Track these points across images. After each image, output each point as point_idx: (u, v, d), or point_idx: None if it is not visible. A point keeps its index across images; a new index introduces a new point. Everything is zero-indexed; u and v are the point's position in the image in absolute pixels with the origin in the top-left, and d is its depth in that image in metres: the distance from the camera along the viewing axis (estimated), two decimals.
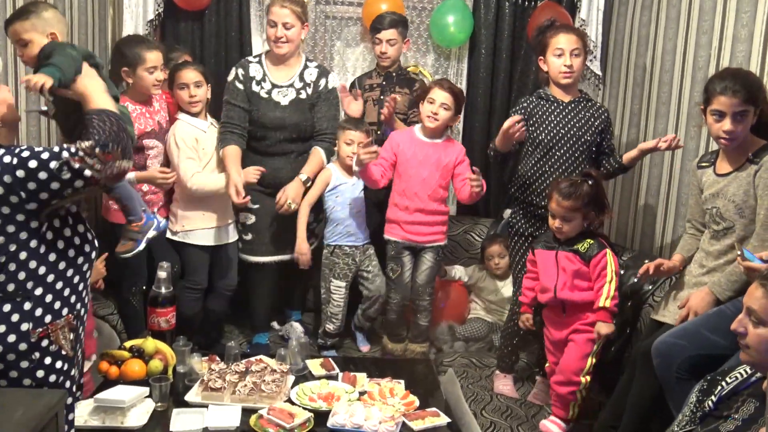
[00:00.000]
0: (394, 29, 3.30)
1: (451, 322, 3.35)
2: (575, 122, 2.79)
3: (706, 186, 2.34)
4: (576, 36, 2.78)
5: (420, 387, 2.45)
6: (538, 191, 2.80)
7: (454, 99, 3.00)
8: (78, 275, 1.77)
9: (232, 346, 2.52)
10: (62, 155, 1.58)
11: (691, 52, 2.93)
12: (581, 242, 2.53)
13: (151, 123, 2.95)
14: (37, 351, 1.66)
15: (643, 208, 3.28)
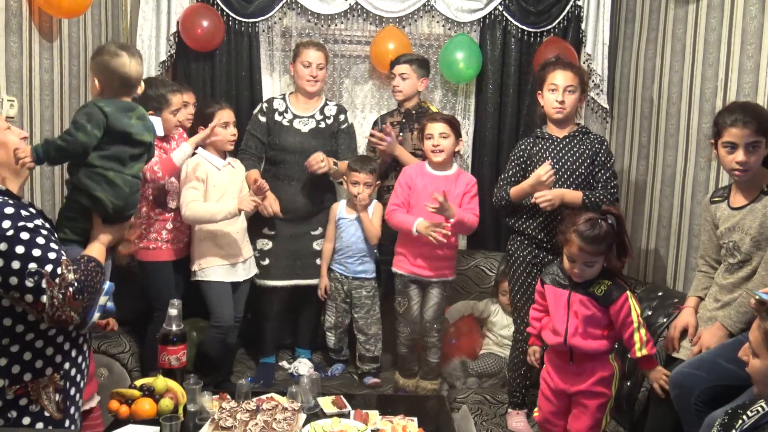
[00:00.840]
0: (407, 65, 3.36)
1: (463, 357, 3.31)
2: (569, 156, 2.81)
3: (721, 221, 2.32)
4: (572, 73, 2.80)
5: (433, 424, 2.40)
6: (534, 224, 2.84)
7: (449, 126, 3.07)
8: (63, 335, 1.74)
9: (243, 384, 2.49)
10: (44, 267, 1.59)
11: (698, 84, 2.94)
12: (597, 284, 2.34)
13: (164, 156, 2.99)
14: (14, 410, 1.64)
15: (655, 239, 3.26)
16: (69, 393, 1.77)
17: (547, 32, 3.75)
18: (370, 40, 3.75)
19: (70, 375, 1.78)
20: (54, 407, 1.70)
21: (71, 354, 1.77)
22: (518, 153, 2.92)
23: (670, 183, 3.13)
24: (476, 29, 3.78)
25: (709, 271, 2.43)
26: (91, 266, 1.71)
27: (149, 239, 3.03)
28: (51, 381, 1.71)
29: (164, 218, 3.06)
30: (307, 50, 3.28)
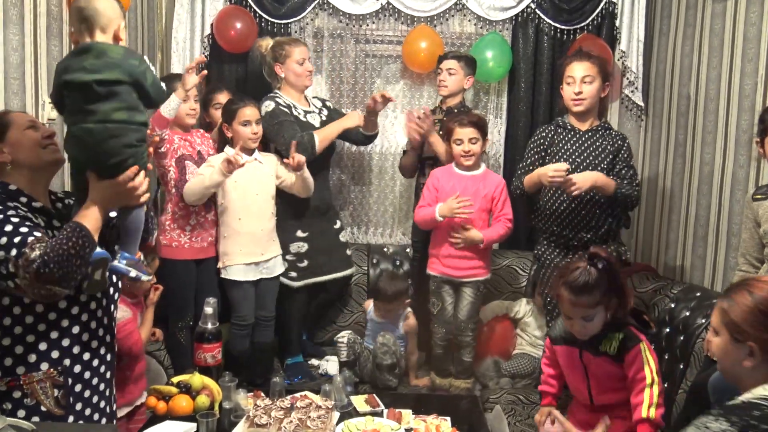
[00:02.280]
0: (455, 60, 3.35)
1: (496, 357, 3.29)
2: (591, 151, 2.77)
3: (763, 219, 2.28)
4: (589, 63, 2.75)
5: (466, 424, 2.40)
6: (558, 220, 2.81)
7: (477, 129, 3.05)
8: (56, 330, 1.73)
9: (277, 382, 2.52)
10: (10, 252, 1.55)
11: (737, 80, 2.88)
12: (608, 340, 2.07)
13: (190, 149, 3.09)
14: (8, 401, 1.65)
15: (692, 239, 3.20)
16: (72, 389, 1.76)
17: (581, 29, 3.70)
18: (401, 40, 3.75)
19: (73, 371, 1.77)
20: (52, 402, 1.70)
21: (72, 350, 1.76)
22: (538, 140, 2.89)
23: (708, 181, 3.07)
24: (508, 27, 3.76)
25: (750, 270, 2.38)
26: (64, 234, 1.60)
27: (172, 236, 3.05)
28: (47, 376, 1.71)
29: (188, 213, 3.07)
30: (296, 48, 3.25)
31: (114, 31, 1.74)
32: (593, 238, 2.80)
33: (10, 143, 1.75)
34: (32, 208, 1.76)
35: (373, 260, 3.74)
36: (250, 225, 3.11)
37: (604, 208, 2.79)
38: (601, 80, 2.77)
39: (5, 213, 1.65)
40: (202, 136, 3.20)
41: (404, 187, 3.94)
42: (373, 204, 3.96)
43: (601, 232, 2.80)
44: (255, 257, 3.13)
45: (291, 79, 3.28)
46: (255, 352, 3.23)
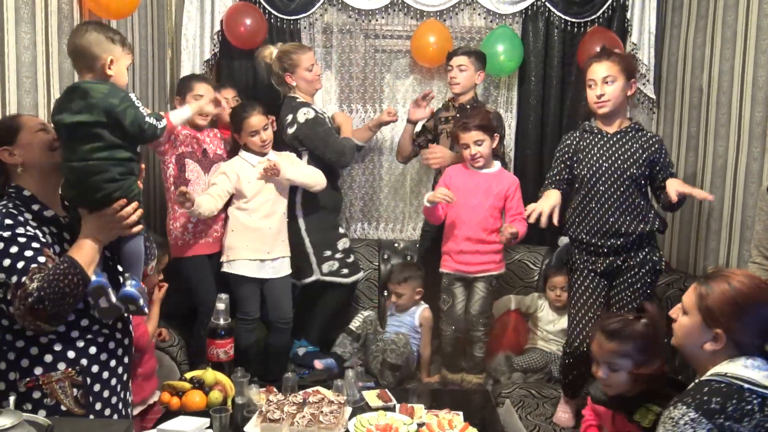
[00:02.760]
0: (465, 56, 3.34)
1: (508, 352, 3.29)
2: (619, 155, 2.64)
3: None
4: (609, 62, 2.62)
5: (478, 418, 2.40)
6: (586, 229, 2.70)
7: (481, 130, 3.02)
8: (76, 331, 1.76)
9: (289, 377, 2.53)
10: (11, 278, 1.61)
11: (750, 72, 2.86)
12: (644, 410, 1.88)
13: (195, 146, 3.10)
14: (29, 402, 1.68)
15: (706, 232, 3.18)
16: (92, 389, 1.79)
17: (591, 22, 3.68)
18: (410, 35, 3.74)
19: (91, 371, 1.79)
20: (72, 402, 1.73)
21: (88, 351, 1.78)
22: (563, 149, 2.77)
23: (721, 174, 3.05)
24: (518, 21, 3.74)
25: (764, 262, 2.36)
26: (60, 270, 1.64)
27: (176, 234, 3.07)
28: (66, 376, 1.73)
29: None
30: (305, 54, 3.25)
31: (101, 66, 1.78)
32: (624, 243, 2.66)
33: (21, 145, 1.78)
34: (43, 218, 1.78)
35: (384, 256, 3.74)
36: (260, 222, 3.11)
37: (635, 215, 2.65)
38: (625, 78, 2.63)
39: (13, 230, 1.67)
40: (214, 136, 3.21)
41: (414, 182, 3.94)
42: (384, 199, 3.96)
43: (632, 238, 2.66)
44: (260, 254, 3.13)
45: (303, 86, 3.29)
46: (270, 353, 3.24)
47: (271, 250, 3.16)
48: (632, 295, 2.66)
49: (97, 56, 1.77)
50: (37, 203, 1.78)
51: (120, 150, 1.77)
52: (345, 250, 3.36)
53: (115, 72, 1.80)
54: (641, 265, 2.66)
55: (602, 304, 2.72)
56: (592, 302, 2.71)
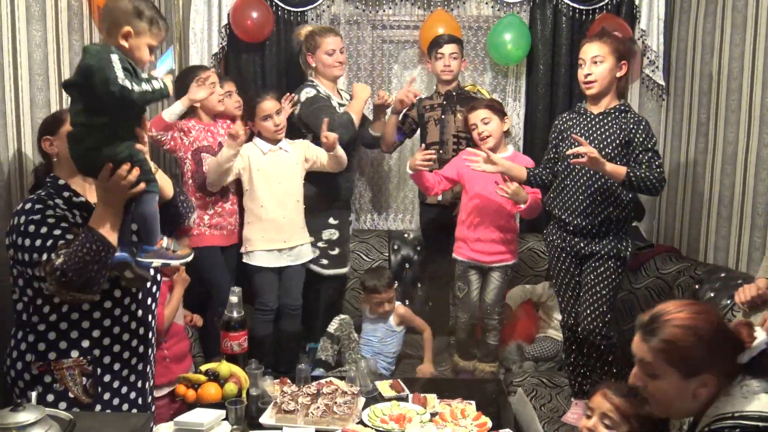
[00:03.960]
0: (455, 44, 3.35)
1: (520, 341, 3.31)
2: (598, 134, 2.68)
3: None
4: (599, 43, 2.65)
5: (491, 407, 2.42)
6: (560, 205, 2.77)
7: (489, 109, 3.05)
8: (88, 321, 1.79)
9: (302, 369, 2.56)
10: (42, 256, 1.66)
11: (761, 57, 2.83)
12: None
13: (210, 140, 3.12)
14: (40, 385, 1.73)
15: (716, 219, 3.17)
16: (101, 379, 1.82)
17: (600, 9, 3.66)
18: (418, 25, 3.73)
19: (102, 362, 1.82)
20: (80, 390, 1.77)
21: (102, 342, 1.82)
22: (553, 130, 2.89)
23: (732, 161, 3.04)
24: (526, 9, 3.73)
25: None
26: (79, 241, 1.67)
27: (192, 225, 3.08)
28: (77, 364, 1.77)
29: (205, 202, 3.11)
30: (327, 38, 3.26)
31: (120, 33, 1.72)
32: (590, 225, 2.70)
33: (60, 137, 1.85)
34: (72, 203, 1.83)
35: (394, 246, 3.75)
36: (272, 212, 3.13)
37: (606, 196, 2.67)
38: (615, 60, 2.65)
39: (44, 213, 1.74)
40: (228, 127, 3.22)
41: (400, 172, 3.94)
42: (393, 190, 3.97)
43: (599, 220, 2.68)
44: (277, 244, 3.16)
45: (321, 69, 3.31)
46: (281, 340, 3.27)
47: (288, 239, 3.18)
48: (596, 279, 2.71)
49: (117, 23, 1.73)
50: (69, 191, 1.85)
51: (97, 115, 1.70)
52: (330, 241, 3.33)
53: (130, 45, 1.74)
54: (606, 251, 2.70)
55: (578, 283, 2.81)
56: (568, 281, 2.82)
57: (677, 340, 1.49)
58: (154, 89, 1.70)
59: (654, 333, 1.52)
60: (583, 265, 2.79)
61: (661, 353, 1.50)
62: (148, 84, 1.70)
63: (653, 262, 3.26)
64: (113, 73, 1.63)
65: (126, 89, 1.63)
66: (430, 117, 3.41)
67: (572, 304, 2.83)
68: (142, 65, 1.77)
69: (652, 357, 1.51)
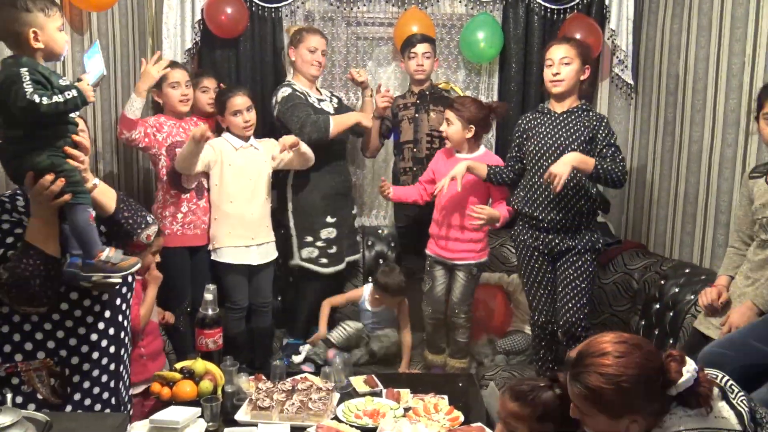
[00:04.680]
0: (428, 43, 3.38)
1: (491, 335, 3.37)
2: (563, 132, 2.80)
3: (757, 196, 2.32)
4: (568, 45, 2.78)
5: (463, 401, 2.47)
6: (529, 203, 2.86)
7: (456, 113, 3.06)
8: (49, 323, 1.77)
9: (278, 365, 2.58)
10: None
11: (725, 59, 2.92)
12: None
13: (183, 135, 3.11)
14: (8, 386, 1.72)
15: (682, 216, 3.26)
16: (70, 380, 1.81)
17: (570, 9, 3.72)
18: (393, 22, 3.76)
19: (70, 362, 1.81)
20: (48, 391, 1.76)
21: (68, 342, 1.81)
22: (517, 130, 2.97)
23: (697, 159, 3.13)
24: (498, 8, 3.77)
25: (741, 247, 2.43)
26: (17, 255, 1.67)
27: (164, 224, 3.07)
28: (44, 365, 1.76)
29: (180, 200, 3.10)
30: (313, 36, 3.31)
31: (26, 41, 1.67)
32: (563, 219, 2.80)
33: None
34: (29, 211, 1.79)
35: (368, 242, 3.79)
36: (240, 208, 3.14)
37: (577, 189, 2.78)
38: (580, 63, 2.78)
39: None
40: (196, 124, 3.22)
41: (381, 168, 3.97)
42: (367, 186, 4.00)
43: (571, 213, 2.80)
44: (245, 241, 3.16)
45: (299, 64, 3.33)
46: (254, 337, 3.29)
47: (255, 235, 3.19)
48: (574, 273, 2.82)
49: (18, 32, 1.66)
50: (26, 197, 1.80)
51: (13, 128, 1.68)
52: (328, 239, 3.38)
53: (44, 41, 1.69)
54: (581, 245, 2.81)
55: (551, 281, 2.91)
56: (540, 279, 2.91)
57: (598, 389, 1.51)
58: (67, 100, 1.65)
59: (578, 378, 1.55)
60: (557, 262, 2.87)
61: (585, 399, 1.54)
62: (61, 95, 1.66)
63: (621, 258, 3.34)
64: (21, 89, 1.60)
65: (33, 103, 1.60)
66: (404, 116, 3.45)
67: (543, 302, 2.92)
68: (62, 52, 1.74)
69: (580, 401, 1.56)
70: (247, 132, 3.14)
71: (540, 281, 2.91)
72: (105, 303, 1.91)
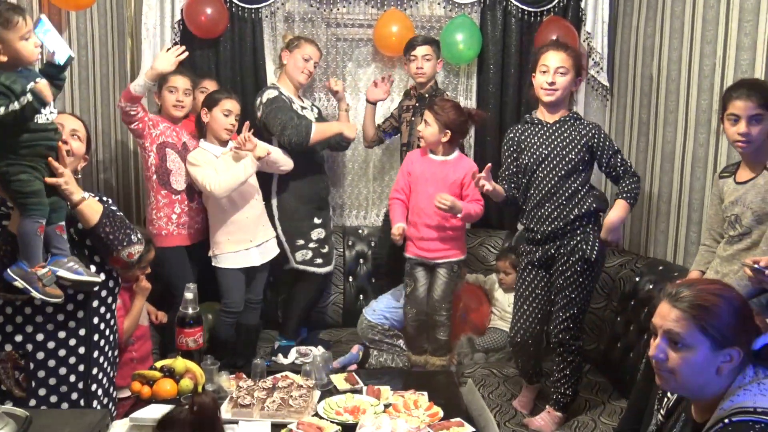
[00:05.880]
0: (428, 45, 3.42)
1: (470, 334, 3.40)
2: (558, 142, 2.72)
3: (726, 194, 2.38)
4: (566, 55, 2.69)
5: (442, 398, 2.49)
6: (529, 215, 2.78)
7: (434, 115, 3.08)
8: (21, 316, 1.80)
9: (258, 363, 2.59)
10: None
11: (696, 61, 2.99)
12: None
13: (175, 138, 3.15)
14: None
15: (656, 214, 3.33)
16: (35, 374, 1.82)
17: (548, 11, 3.78)
18: (372, 23, 3.78)
19: (36, 357, 1.83)
20: (12, 383, 1.77)
21: (35, 337, 1.82)
22: (508, 142, 2.85)
23: (670, 159, 3.19)
24: (477, 10, 3.82)
25: (713, 245, 2.48)
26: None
27: (159, 224, 3.09)
28: (9, 357, 1.78)
29: (171, 201, 3.11)
30: (310, 46, 3.38)
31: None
32: (557, 229, 2.73)
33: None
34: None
35: (349, 242, 3.81)
36: (234, 213, 3.15)
37: (570, 200, 2.72)
38: (575, 74, 2.73)
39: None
40: (193, 130, 3.26)
41: (377, 169, 4.01)
42: (348, 187, 4.02)
43: (564, 222, 2.72)
44: (245, 244, 3.18)
45: (289, 68, 3.37)
46: (240, 334, 3.29)
47: (253, 237, 3.20)
48: (564, 282, 2.72)
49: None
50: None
51: None
52: (319, 240, 3.40)
53: (8, 55, 1.70)
54: (570, 254, 2.70)
55: (541, 296, 2.79)
56: (528, 294, 2.80)
57: (711, 305, 1.43)
58: (23, 106, 1.66)
59: (686, 299, 1.45)
60: (553, 274, 2.78)
61: (693, 319, 1.43)
62: (17, 102, 1.66)
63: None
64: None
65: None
66: (404, 118, 3.52)
67: (525, 319, 2.81)
68: (31, 59, 1.74)
69: (685, 324, 1.44)
70: (227, 135, 3.14)
71: (527, 296, 2.81)
72: (79, 303, 1.92)
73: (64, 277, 1.80)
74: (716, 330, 1.42)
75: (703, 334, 1.43)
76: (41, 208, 1.77)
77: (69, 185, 1.82)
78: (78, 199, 1.84)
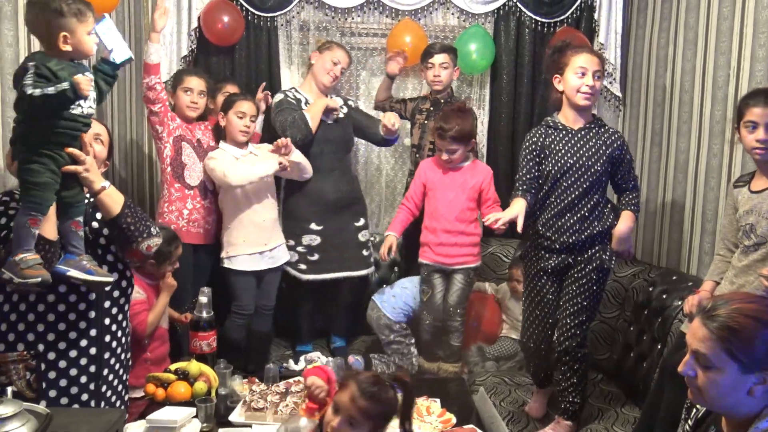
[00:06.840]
0: (446, 54, 3.44)
1: (480, 343, 3.40)
2: (584, 151, 2.62)
3: (741, 204, 2.37)
4: (598, 58, 2.63)
5: (454, 405, 2.50)
6: (543, 221, 2.69)
7: (457, 142, 3.12)
8: (33, 314, 1.80)
9: (271, 368, 2.60)
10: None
11: (710, 72, 2.99)
12: None
13: (189, 135, 3.18)
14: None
15: (669, 224, 3.33)
16: (46, 375, 1.82)
17: (560, 22, 3.80)
18: (386, 33, 3.81)
19: (47, 358, 1.83)
20: (23, 384, 1.77)
21: (46, 337, 1.82)
22: (530, 146, 2.69)
23: (683, 169, 3.19)
24: (490, 20, 3.84)
25: (727, 255, 2.47)
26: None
27: (170, 218, 3.09)
28: (21, 358, 1.78)
29: (184, 195, 3.12)
30: (342, 51, 3.41)
31: (58, 42, 1.74)
32: (575, 242, 2.66)
33: None
34: None
35: None
36: (252, 215, 3.16)
37: (591, 212, 2.65)
38: (603, 78, 2.70)
39: (7, 205, 1.82)
40: (205, 129, 3.29)
41: (390, 177, 4.02)
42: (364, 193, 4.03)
43: (584, 236, 2.66)
44: (259, 247, 3.19)
45: (316, 68, 3.39)
46: (252, 340, 3.30)
47: (268, 241, 3.21)
48: (578, 289, 2.66)
49: (50, 34, 1.73)
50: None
51: (18, 115, 1.78)
52: (310, 246, 3.35)
53: (72, 45, 1.75)
54: (588, 262, 2.65)
55: (552, 302, 2.74)
56: (539, 300, 2.75)
57: (742, 329, 1.37)
58: (58, 90, 1.68)
59: (717, 319, 1.40)
60: (564, 281, 2.73)
61: (721, 341, 1.38)
62: (54, 87, 1.68)
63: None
64: (25, 82, 1.68)
65: (28, 96, 1.67)
66: (417, 120, 3.54)
67: (536, 326, 2.78)
68: (89, 54, 1.82)
69: (711, 345, 1.38)
70: (242, 137, 3.16)
71: (539, 301, 2.75)
72: (91, 302, 1.92)
73: (75, 277, 1.80)
74: (745, 354, 1.36)
75: (730, 357, 1.37)
76: (40, 203, 1.76)
77: (90, 173, 1.83)
78: (99, 188, 1.86)
